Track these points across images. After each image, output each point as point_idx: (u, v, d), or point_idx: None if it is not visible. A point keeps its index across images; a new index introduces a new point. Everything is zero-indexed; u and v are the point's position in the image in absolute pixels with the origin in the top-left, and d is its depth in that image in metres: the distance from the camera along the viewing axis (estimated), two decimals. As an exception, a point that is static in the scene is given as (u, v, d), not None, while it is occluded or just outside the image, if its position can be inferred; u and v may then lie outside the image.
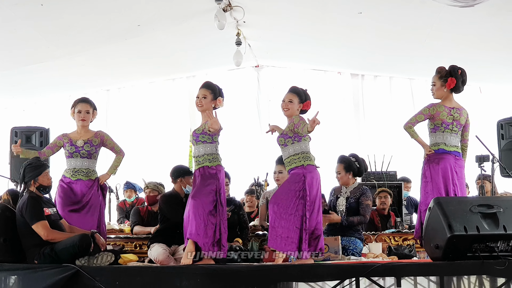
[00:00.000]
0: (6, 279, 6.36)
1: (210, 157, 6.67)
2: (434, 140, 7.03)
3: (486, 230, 5.79)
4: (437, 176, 6.93)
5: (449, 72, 6.98)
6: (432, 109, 6.97)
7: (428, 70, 11.32)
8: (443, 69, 7.02)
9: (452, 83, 6.93)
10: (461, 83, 6.98)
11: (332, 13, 9.51)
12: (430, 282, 7.86)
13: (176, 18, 9.64)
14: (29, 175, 6.57)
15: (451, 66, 6.99)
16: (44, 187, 6.62)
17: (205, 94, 6.81)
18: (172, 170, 7.80)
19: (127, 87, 12.87)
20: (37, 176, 6.57)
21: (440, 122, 6.97)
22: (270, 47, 11.70)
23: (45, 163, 6.83)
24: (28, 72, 10.46)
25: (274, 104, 12.48)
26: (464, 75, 7.00)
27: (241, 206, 7.93)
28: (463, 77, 6.98)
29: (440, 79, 7.00)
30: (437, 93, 7.04)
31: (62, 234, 6.42)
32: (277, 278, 6.17)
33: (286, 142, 6.67)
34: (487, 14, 8.43)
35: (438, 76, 7.03)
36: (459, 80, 6.95)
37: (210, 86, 6.89)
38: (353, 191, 7.69)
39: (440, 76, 7.01)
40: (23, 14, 8.32)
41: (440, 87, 6.98)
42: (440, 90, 7.00)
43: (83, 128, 7.29)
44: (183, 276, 6.00)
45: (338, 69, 12.35)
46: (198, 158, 6.71)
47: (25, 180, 6.59)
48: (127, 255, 7.05)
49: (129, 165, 11.86)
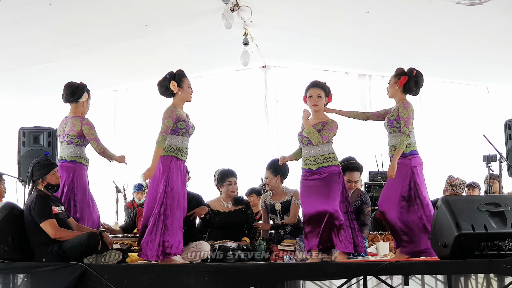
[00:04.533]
0: (15, 277, 6.39)
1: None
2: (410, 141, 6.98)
3: (494, 228, 5.78)
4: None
5: (404, 72, 6.96)
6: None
7: (435, 70, 11.41)
8: (400, 68, 7.02)
9: (403, 80, 6.88)
10: (414, 84, 6.91)
11: (340, 13, 9.50)
12: (438, 281, 7.84)
13: (184, 18, 9.65)
14: (37, 174, 6.59)
15: (409, 68, 6.98)
16: (52, 186, 6.63)
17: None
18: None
19: (134, 87, 12.88)
20: (45, 175, 6.59)
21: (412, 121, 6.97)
22: (277, 47, 11.70)
23: (53, 162, 6.85)
24: (35, 72, 10.49)
25: (282, 105, 12.54)
26: (419, 77, 6.94)
27: (249, 205, 7.93)
28: (417, 78, 6.92)
29: (395, 77, 6.99)
30: (391, 90, 6.99)
31: (70, 233, 6.44)
32: (285, 277, 6.19)
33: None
34: (495, 12, 8.40)
35: (394, 74, 7.02)
36: (411, 80, 6.89)
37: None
38: (352, 197, 7.52)
39: (395, 74, 7.00)
40: (31, 14, 8.34)
41: (393, 84, 6.96)
42: (393, 87, 6.95)
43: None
44: (191, 274, 6.02)
45: (345, 69, 12.34)
46: None
47: (33, 179, 6.62)
48: (134, 254, 7.04)
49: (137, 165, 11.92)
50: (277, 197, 7.75)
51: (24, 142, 8.58)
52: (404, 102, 6.90)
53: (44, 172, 6.60)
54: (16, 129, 8.79)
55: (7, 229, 6.38)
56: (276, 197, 7.75)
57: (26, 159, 8.49)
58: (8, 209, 6.50)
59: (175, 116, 6.74)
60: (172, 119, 6.72)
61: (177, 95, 6.90)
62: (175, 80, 6.85)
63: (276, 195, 7.77)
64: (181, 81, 6.89)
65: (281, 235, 7.53)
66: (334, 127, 6.74)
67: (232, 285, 5.97)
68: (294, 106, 11.99)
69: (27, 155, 8.53)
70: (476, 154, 9.10)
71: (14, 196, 8.46)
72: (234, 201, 7.70)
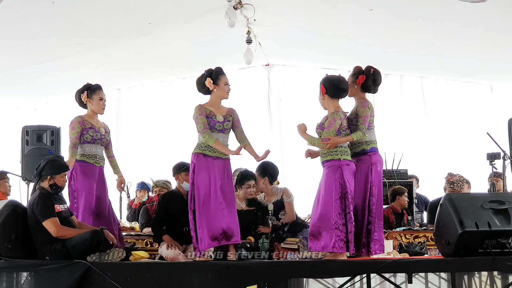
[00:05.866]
0: (18, 275, 6.39)
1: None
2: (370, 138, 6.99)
3: (498, 226, 5.79)
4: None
5: (362, 70, 6.96)
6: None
7: (439, 68, 11.40)
8: (358, 67, 7.03)
9: (362, 79, 6.88)
10: (371, 82, 6.92)
11: (343, 11, 9.49)
12: (441, 279, 7.84)
13: (187, 16, 9.64)
14: (48, 170, 6.59)
15: (367, 66, 6.99)
16: (57, 187, 6.64)
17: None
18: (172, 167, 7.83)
19: (137, 86, 12.89)
20: (55, 174, 6.60)
21: (372, 119, 6.97)
22: (281, 45, 11.69)
23: (67, 165, 6.86)
24: (38, 71, 10.49)
25: (285, 103, 12.53)
26: (377, 75, 6.96)
27: (261, 206, 7.83)
28: (374, 76, 6.94)
29: (352, 76, 7.00)
30: (350, 89, 6.95)
31: (72, 231, 6.45)
32: (288, 274, 6.18)
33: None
34: (498, 11, 8.39)
35: (351, 74, 7.03)
36: (369, 78, 6.90)
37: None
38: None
39: (353, 73, 7.01)
40: (34, 12, 8.34)
41: (351, 83, 6.95)
42: (351, 86, 6.94)
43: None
44: (194, 272, 6.03)
45: (348, 67, 12.15)
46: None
47: (42, 173, 6.62)
48: (138, 252, 7.05)
49: (140, 164, 11.94)
50: (269, 197, 7.75)
51: (27, 141, 8.58)
52: (362, 101, 6.90)
53: (55, 171, 6.61)
54: (19, 127, 8.80)
55: (11, 227, 6.38)
56: (268, 197, 7.75)
57: (29, 158, 8.51)
58: (11, 207, 6.50)
59: (203, 113, 6.81)
60: (204, 116, 6.81)
61: (213, 92, 6.93)
62: (211, 77, 6.88)
63: (268, 196, 7.76)
64: (218, 78, 6.93)
65: (281, 234, 7.52)
66: (333, 120, 6.68)
67: (235, 283, 5.98)
68: (297, 105, 12.05)
69: (30, 153, 8.54)
70: (479, 152, 9.08)
71: (17, 194, 8.48)
72: (248, 202, 7.68)
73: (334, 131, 6.61)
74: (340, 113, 6.71)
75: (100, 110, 7.45)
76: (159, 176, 9.54)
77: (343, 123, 6.69)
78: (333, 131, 6.60)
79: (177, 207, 7.44)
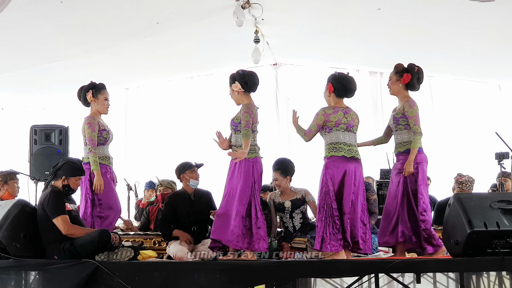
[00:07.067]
0: (27, 274, 6.40)
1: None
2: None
3: (507, 226, 5.77)
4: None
5: (406, 69, 6.96)
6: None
7: (447, 67, 11.36)
8: (401, 65, 7.02)
9: (407, 78, 6.89)
10: (416, 80, 6.94)
11: (351, 9, 9.48)
12: (449, 279, 7.81)
13: (195, 16, 9.65)
14: (65, 170, 6.62)
15: (409, 64, 6.99)
16: (70, 188, 6.66)
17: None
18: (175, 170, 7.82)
19: (146, 85, 12.92)
20: (71, 176, 6.62)
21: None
22: (288, 44, 11.69)
23: (84, 171, 6.89)
24: (47, 70, 10.52)
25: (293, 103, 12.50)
26: (421, 73, 6.98)
27: (266, 205, 7.84)
28: (419, 75, 6.95)
29: (396, 74, 6.99)
30: (393, 87, 7.03)
31: (82, 230, 6.47)
32: (296, 274, 6.17)
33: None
34: (506, 9, 8.37)
35: (395, 71, 7.02)
36: (414, 77, 6.91)
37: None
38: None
39: (397, 71, 7.00)
40: (42, 12, 8.35)
41: (395, 81, 6.97)
42: (395, 84, 6.98)
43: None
44: (202, 271, 6.03)
45: (356, 66, 12.29)
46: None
47: (58, 172, 6.63)
48: (146, 251, 7.07)
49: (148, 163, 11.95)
50: (286, 196, 7.70)
51: (35, 140, 8.60)
52: (408, 100, 6.91)
53: (72, 173, 6.64)
54: (27, 127, 8.81)
55: (19, 227, 6.39)
56: (285, 196, 7.70)
57: (37, 157, 8.53)
58: (20, 206, 6.51)
59: (251, 112, 6.98)
60: (250, 115, 6.97)
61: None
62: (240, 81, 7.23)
63: (285, 195, 7.72)
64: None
65: (291, 232, 7.51)
66: (316, 115, 6.90)
67: (243, 282, 5.98)
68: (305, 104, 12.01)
69: (38, 153, 8.56)
70: (488, 151, 9.06)
71: (25, 194, 8.49)
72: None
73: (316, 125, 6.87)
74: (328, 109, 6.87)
75: (105, 110, 7.46)
76: (166, 175, 9.52)
77: (330, 119, 6.82)
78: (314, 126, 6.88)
79: (185, 207, 7.45)
